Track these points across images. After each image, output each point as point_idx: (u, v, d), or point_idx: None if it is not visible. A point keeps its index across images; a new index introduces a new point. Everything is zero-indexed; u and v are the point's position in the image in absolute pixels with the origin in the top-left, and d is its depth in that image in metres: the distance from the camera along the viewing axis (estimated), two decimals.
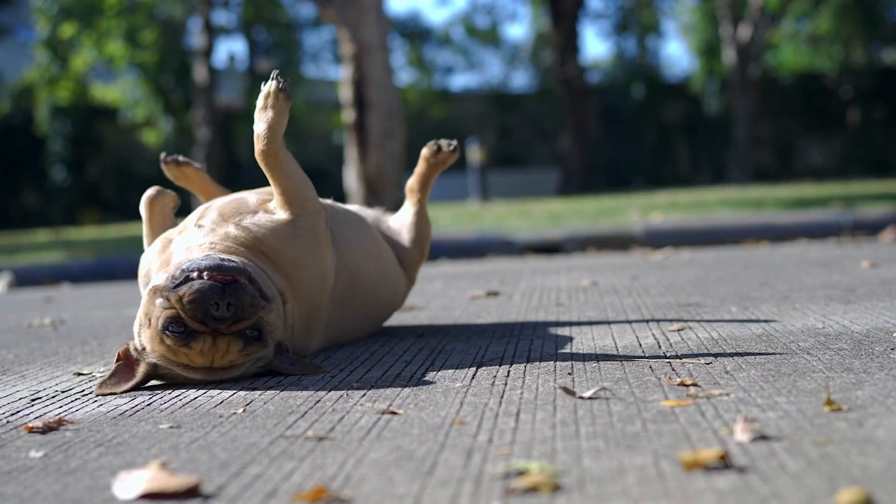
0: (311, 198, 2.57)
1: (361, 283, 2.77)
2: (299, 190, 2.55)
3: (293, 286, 2.49)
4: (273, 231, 2.50)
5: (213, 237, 2.47)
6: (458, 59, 30.08)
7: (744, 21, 20.18)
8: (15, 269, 6.97)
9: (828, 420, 1.64)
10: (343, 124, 13.01)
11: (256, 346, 2.27)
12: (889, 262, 4.29)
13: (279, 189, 2.54)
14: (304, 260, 2.51)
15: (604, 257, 5.81)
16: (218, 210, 2.58)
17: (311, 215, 2.54)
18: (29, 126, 21.15)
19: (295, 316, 2.49)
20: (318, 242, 2.55)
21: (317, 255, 2.54)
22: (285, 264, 2.49)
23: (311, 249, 2.53)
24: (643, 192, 16.04)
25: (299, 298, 2.50)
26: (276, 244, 2.49)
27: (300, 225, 2.52)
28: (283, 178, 2.53)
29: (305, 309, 2.53)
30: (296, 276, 2.50)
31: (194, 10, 19.93)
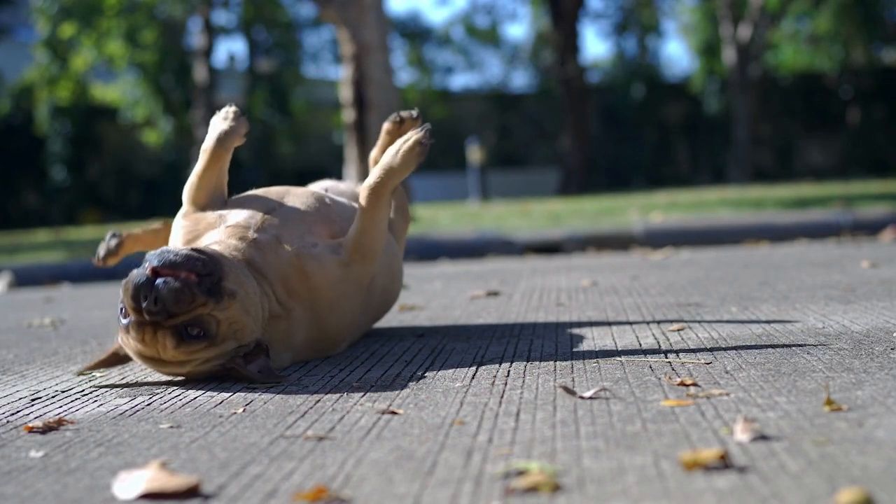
0: (376, 252, 2.54)
1: (379, 292, 2.76)
2: (373, 241, 2.52)
3: (320, 320, 2.48)
4: (325, 269, 2.46)
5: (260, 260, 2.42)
6: (458, 59, 30.08)
7: (744, 21, 20.18)
8: (15, 269, 6.97)
9: (828, 420, 1.64)
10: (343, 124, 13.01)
11: (197, 345, 2.21)
12: (889, 262, 4.29)
13: (359, 228, 2.50)
14: (340, 303, 2.51)
15: (604, 257, 5.81)
16: (278, 230, 2.48)
17: (365, 267, 2.53)
18: (29, 126, 21.15)
19: (301, 336, 2.47)
20: (359, 291, 2.55)
21: (355, 302, 2.55)
22: (320, 295, 2.46)
23: (350, 295, 2.53)
24: (643, 192, 16.04)
25: (320, 328, 2.50)
26: (322, 282, 2.45)
27: (352, 270, 2.50)
28: (370, 221, 2.50)
29: (326, 337, 2.54)
30: (325, 315, 2.49)
31: (194, 10, 19.94)
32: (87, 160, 21.27)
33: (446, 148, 23.35)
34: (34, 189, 21.27)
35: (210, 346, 2.23)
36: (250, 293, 2.30)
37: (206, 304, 2.19)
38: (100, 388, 2.34)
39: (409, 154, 2.51)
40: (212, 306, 2.20)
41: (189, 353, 2.23)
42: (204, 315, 2.20)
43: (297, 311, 2.44)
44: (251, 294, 2.30)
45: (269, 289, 2.40)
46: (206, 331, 2.21)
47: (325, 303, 2.47)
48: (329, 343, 2.57)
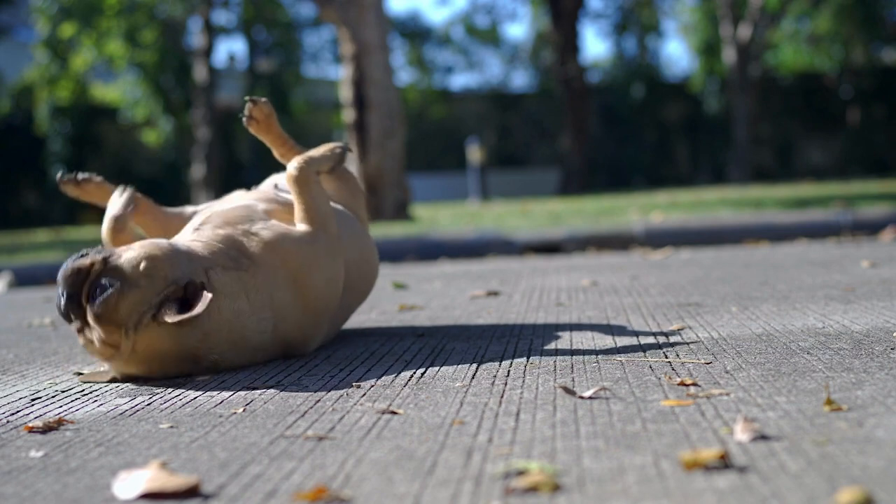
0: (332, 222, 2.64)
1: (355, 272, 2.80)
2: (323, 211, 2.64)
3: (300, 288, 2.51)
4: (288, 237, 2.54)
5: (203, 235, 2.50)
6: (458, 58, 30.10)
7: (744, 21, 20.19)
8: (15, 269, 6.97)
9: (828, 420, 1.64)
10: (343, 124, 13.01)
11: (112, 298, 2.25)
12: (889, 262, 4.29)
13: (303, 206, 2.62)
14: (318, 264, 2.55)
15: (604, 257, 5.81)
16: (222, 216, 2.59)
17: (330, 235, 2.62)
18: (29, 126, 21.16)
19: (282, 296, 2.49)
20: (334, 253, 2.61)
21: (333, 264, 2.60)
22: (295, 267, 2.51)
23: (328, 258, 2.59)
24: (643, 192, 16.04)
25: (306, 299, 2.52)
26: (290, 246, 2.52)
27: (319, 237, 2.59)
28: (309, 197, 2.63)
29: (314, 308, 2.56)
30: (305, 280, 2.52)
31: (194, 10, 19.94)
32: (87, 160, 21.26)
33: (446, 148, 23.36)
34: (34, 189, 21.27)
35: (126, 291, 2.25)
36: (159, 243, 2.36)
37: (96, 261, 2.28)
38: (100, 388, 2.34)
39: (330, 153, 2.79)
40: (106, 261, 2.28)
41: (115, 319, 2.25)
42: (105, 271, 2.27)
43: (271, 274, 2.46)
44: (161, 244, 2.36)
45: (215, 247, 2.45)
46: (112, 281, 2.26)
47: (300, 266, 2.51)
48: (322, 309, 2.58)
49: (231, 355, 2.41)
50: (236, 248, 2.48)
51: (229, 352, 2.40)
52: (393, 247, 7.02)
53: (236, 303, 2.39)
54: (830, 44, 23.98)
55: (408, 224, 9.39)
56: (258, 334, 2.45)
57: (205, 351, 2.35)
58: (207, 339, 2.34)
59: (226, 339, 2.38)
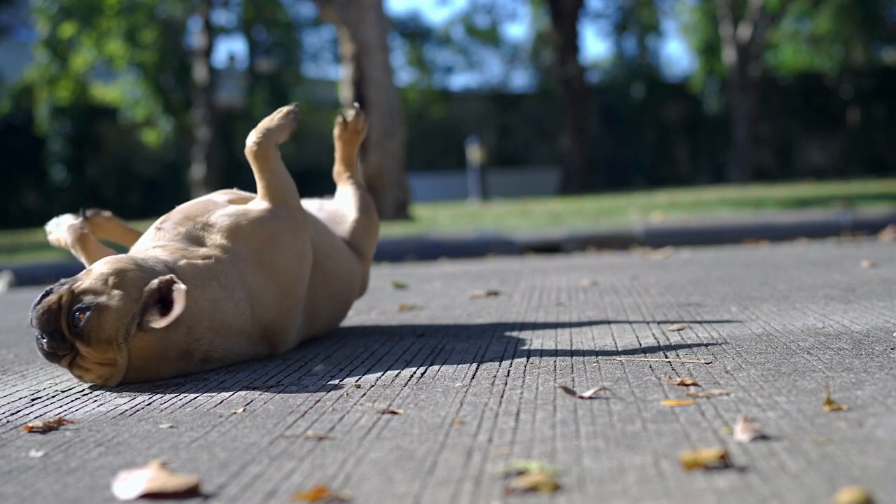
0: (293, 195, 2.69)
1: (328, 271, 2.82)
2: (283, 185, 2.67)
3: (267, 266, 2.53)
4: (246, 215, 2.57)
5: (164, 240, 2.52)
6: (458, 58, 30.09)
7: (744, 21, 20.18)
8: (15, 269, 6.97)
9: (828, 420, 1.64)
10: None
11: (91, 319, 2.25)
12: (889, 262, 4.29)
13: (264, 182, 2.66)
14: (281, 239, 2.58)
15: (604, 257, 5.81)
16: (183, 212, 2.62)
17: (291, 208, 2.65)
18: (29, 126, 21.15)
19: (264, 295, 2.51)
20: (298, 227, 2.64)
21: (298, 238, 2.63)
22: (258, 246, 2.53)
23: (290, 231, 2.61)
24: (643, 192, 16.04)
25: (275, 276, 2.54)
26: (249, 226, 2.55)
27: (280, 212, 2.62)
28: (269, 172, 2.66)
29: (282, 286, 2.56)
30: (271, 256, 2.55)
31: (194, 10, 19.94)
32: (87, 160, 21.27)
33: (446, 148, 23.36)
34: (34, 189, 21.27)
35: (103, 310, 2.26)
36: (121, 258, 2.38)
37: (62, 293, 2.29)
38: (100, 388, 2.35)
39: (284, 117, 2.74)
40: (72, 288, 2.29)
41: (104, 337, 2.26)
42: (76, 299, 2.28)
43: (237, 259, 2.49)
44: (123, 258, 2.37)
45: (178, 250, 2.47)
46: (87, 306, 2.26)
47: (263, 242, 2.54)
48: (291, 286, 2.59)
49: (219, 342, 2.43)
50: (196, 243, 2.51)
51: (216, 339, 2.42)
52: (393, 247, 7.02)
53: (209, 291, 2.41)
54: (830, 44, 23.98)
55: (408, 224, 9.39)
56: (238, 317, 2.46)
57: (193, 344, 2.37)
58: (192, 331, 2.36)
59: (209, 328, 2.40)
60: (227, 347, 2.46)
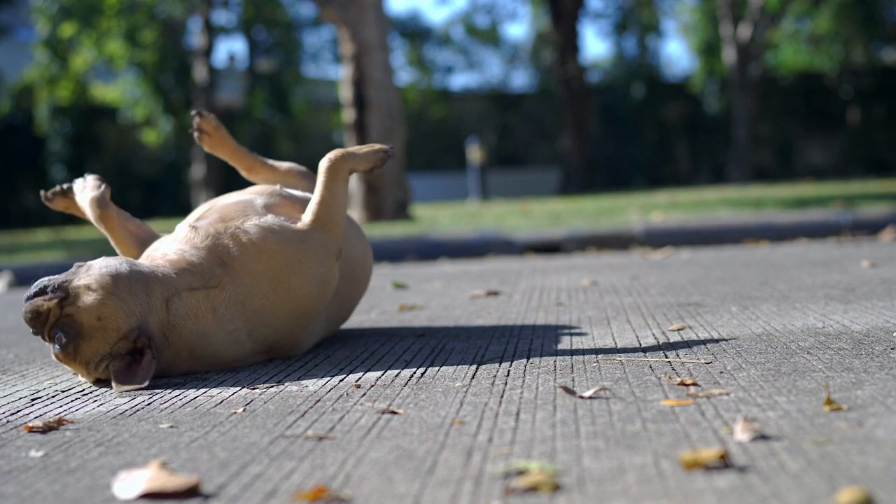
0: (338, 223, 2.57)
1: (354, 273, 2.80)
2: (333, 210, 2.57)
3: (283, 288, 2.47)
4: (277, 233, 2.49)
5: (195, 241, 2.49)
6: (458, 58, 30.09)
7: (744, 20, 20.18)
8: (15, 269, 6.97)
9: (828, 419, 1.64)
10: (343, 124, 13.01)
11: (70, 348, 2.28)
12: (889, 262, 4.29)
13: (318, 199, 2.57)
14: (305, 265, 2.50)
15: (604, 257, 5.81)
16: (219, 212, 2.57)
17: (327, 235, 2.55)
18: (29, 126, 21.15)
19: (270, 317, 2.47)
20: (327, 255, 2.54)
21: (323, 265, 2.54)
22: (279, 263, 2.47)
23: (317, 258, 2.52)
24: (643, 192, 16.04)
25: (289, 299, 2.48)
26: (276, 247, 2.47)
27: (314, 236, 2.53)
28: (328, 191, 2.57)
29: (295, 308, 2.51)
30: (288, 279, 2.47)
31: (194, 10, 19.94)
32: (87, 160, 21.26)
33: (446, 148, 23.35)
34: (34, 189, 21.26)
35: (80, 344, 2.28)
36: (121, 277, 2.31)
37: (51, 308, 2.30)
38: (100, 387, 2.35)
39: (372, 152, 2.69)
40: (61, 306, 2.29)
41: (76, 362, 2.31)
42: (61, 320, 2.29)
43: (247, 279, 2.43)
44: (122, 279, 2.31)
45: (185, 267, 2.42)
46: (67, 333, 2.28)
47: (284, 265, 2.47)
48: (309, 310, 2.54)
49: (203, 365, 2.43)
50: (216, 255, 2.45)
51: (196, 365, 2.42)
52: (393, 247, 7.02)
53: (199, 325, 2.38)
54: (830, 44, 23.98)
55: (408, 224, 9.39)
56: (230, 346, 2.44)
57: (170, 370, 2.39)
58: (173, 365, 2.39)
59: (191, 357, 2.40)
60: (214, 366, 2.45)
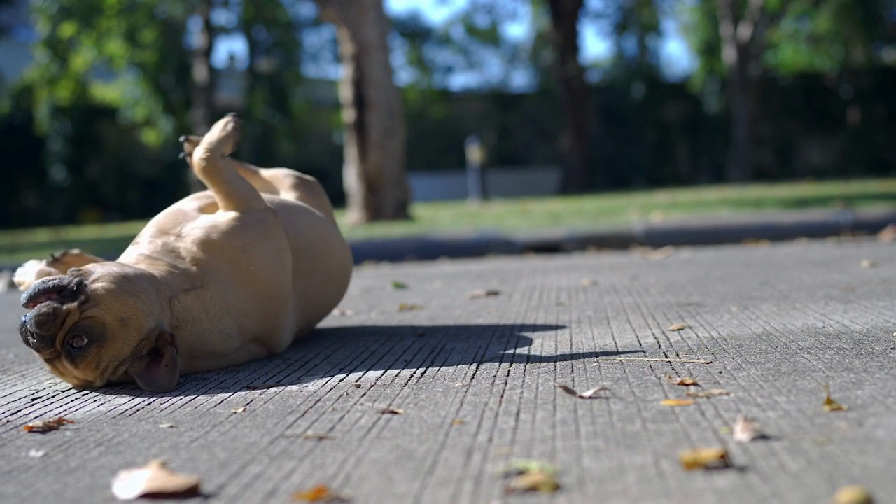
0: (254, 197, 2.65)
1: (316, 255, 2.82)
2: (241, 191, 2.64)
3: (247, 277, 2.51)
4: (216, 227, 2.54)
5: (143, 250, 2.51)
6: (458, 58, 30.09)
7: (744, 20, 20.18)
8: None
9: (828, 419, 1.64)
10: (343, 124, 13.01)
11: (91, 352, 2.22)
12: (889, 262, 4.29)
13: (221, 195, 2.63)
14: (255, 247, 2.55)
15: (604, 257, 5.81)
16: (156, 225, 2.61)
17: (257, 211, 2.62)
18: (29, 126, 21.16)
19: (235, 297, 2.49)
20: (269, 228, 2.61)
21: (271, 239, 2.60)
22: (233, 254, 2.52)
23: (263, 235, 2.58)
24: (643, 192, 16.04)
25: (256, 286, 2.53)
26: (221, 238, 2.52)
27: (247, 218, 2.59)
28: (223, 183, 2.63)
29: (265, 293, 2.55)
30: (248, 267, 2.52)
31: (194, 10, 19.94)
32: (87, 160, 21.27)
33: (446, 148, 23.35)
34: (34, 189, 21.27)
35: (104, 346, 2.23)
36: (131, 279, 2.30)
37: (72, 310, 2.22)
38: (100, 387, 2.35)
39: (224, 128, 2.73)
40: (82, 308, 2.22)
41: (93, 367, 2.25)
42: (81, 322, 2.22)
43: (219, 276, 2.47)
44: (133, 280, 2.30)
45: (170, 269, 2.44)
46: (90, 335, 2.22)
47: (238, 251, 2.52)
48: (277, 289, 2.58)
49: (201, 363, 2.45)
50: (180, 259, 2.48)
51: (195, 362, 2.44)
52: (393, 247, 7.02)
53: (197, 325, 2.41)
54: (830, 44, 23.98)
55: (408, 224, 9.39)
56: (224, 342, 2.47)
57: None
58: None
59: (189, 357, 2.41)
60: (213, 365, 2.48)
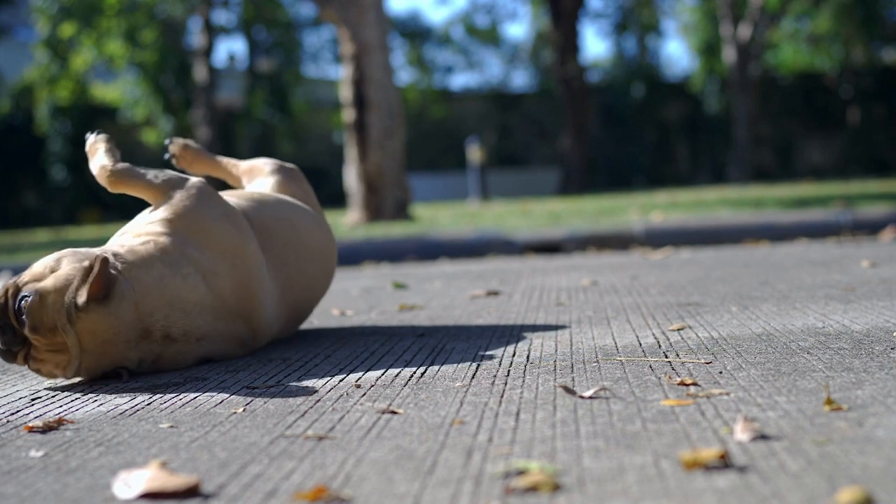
0: (180, 178, 2.69)
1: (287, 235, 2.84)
2: (163, 179, 2.67)
3: (198, 232, 2.56)
4: (156, 212, 2.60)
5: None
6: (458, 58, 30.10)
7: (744, 20, 20.19)
8: (15, 269, 6.97)
9: (828, 419, 1.64)
10: (343, 124, 13.01)
11: (34, 301, 2.31)
12: (889, 262, 4.29)
13: (149, 191, 2.68)
14: (201, 210, 2.59)
15: (604, 257, 5.81)
16: (120, 231, 2.71)
17: (186, 188, 2.65)
18: (29, 126, 21.16)
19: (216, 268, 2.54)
20: (206, 194, 2.64)
21: (213, 205, 2.63)
22: (179, 221, 2.56)
23: (202, 201, 2.61)
24: (643, 192, 16.04)
25: (213, 241, 2.56)
26: (162, 214, 2.58)
27: (181, 194, 2.62)
28: (142, 183, 2.68)
29: (231, 255, 2.58)
30: (197, 224, 2.57)
31: (194, 10, 19.94)
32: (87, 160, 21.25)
33: (446, 148, 23.35)
34: (34, 189, 21.27)
35: (42, 291, 2.31)
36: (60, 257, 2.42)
37: (9, 287, 2.36)
38: (100, 387, 2.35)
39: (95, 143, 2.80)
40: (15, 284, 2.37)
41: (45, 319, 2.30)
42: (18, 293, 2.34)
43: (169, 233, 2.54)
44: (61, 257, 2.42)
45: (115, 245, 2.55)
46: (27, 293, 2.32)
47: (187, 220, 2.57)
48: (237, 257, 2.60)
49: (176, 317, 2.45)
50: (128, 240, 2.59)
51: (172, 314, 2.44)
52: (393, 247, 7.02)
53: (153, 269, 2.43)
54: (830, 44, 23.99)
55: (408, 224, 9.39)
56: (192, 290, 2.48)
57: (148, 320, 2.39)
58: (141, 307, 2.38)
59: (159, 302, 2.42)
60: (190, 323, 2.47)
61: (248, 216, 2.72)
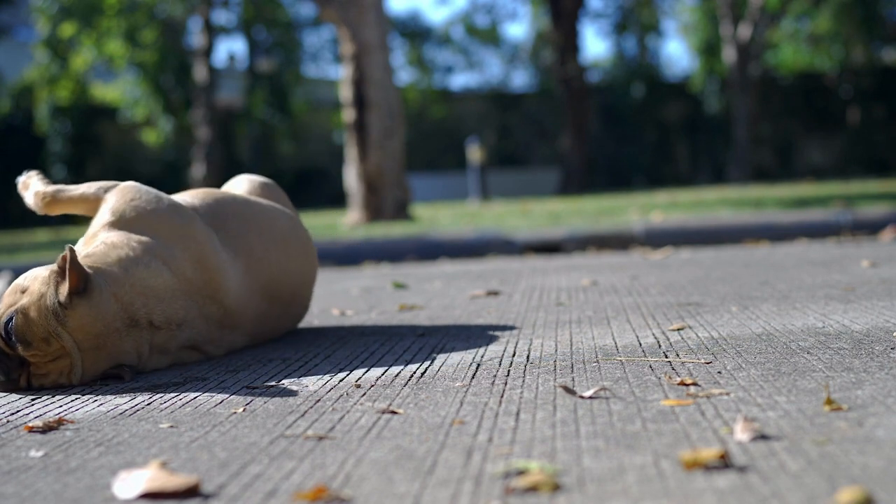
0: (102, 184, 2.80)
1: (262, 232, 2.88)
2: (89, 189, 2.79)
3: (155, 233, 2.61)
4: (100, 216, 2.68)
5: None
6: (458, 58, 30.10)
7: (744, 20, 20.19)
8: (15, 269, 6.97)
9: (828, 419, 1.64)
10: (343, 124, 13.01)
11: (17, 320, 2.33)
12: (889, 262, 4.29)
13: (81, 205, 2.80)
14: (137, 201, 2.68)
15: (604, 257, 5.81)
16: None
17: (114, 191, 2.75)
18: (29, 126, 21.16)
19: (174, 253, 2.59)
20: (136, 188, 2.74)
21: (144, 193, 2.72)
22: (121, 215, 2.65)
23: (135, 193, 2.70)
24: (643, 192, 16.04)
25: (158, 226, 2.63)
26: (104, 214, 2.67)
27: (111, 200, 2.71)
28: (71, 197, 2.81)
29: (177, 231, 2.64)
30: (137, 213, 2.65)
31: (194, 10, 19.94)
32: (87, 160, 21.27)
33: (446, 148, 23.36)
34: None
35: (23, 307, 2.33)
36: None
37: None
38: (100, 387, 2.35)
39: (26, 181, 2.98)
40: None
41: (36, 330, 2.32)
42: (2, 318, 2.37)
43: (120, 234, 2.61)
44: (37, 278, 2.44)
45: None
46: (10, 315, 2.34)
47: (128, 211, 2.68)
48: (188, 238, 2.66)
49: (154, 304, 2.48)
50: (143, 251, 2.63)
51: (149, 301, 2.47)
52: (393, 247, 7.02)
53: (117, 264, 2.47)
54: (830, 44, 23.99)
55: (408, 224, 9.39)
56: (157, 277, 2.52)
57: (130, 309, 2.42)
58: (119, 297, 2.41)
59: (133, 292, 2.45)
60: (167, 308, 2.51)
61: (192, 204, 2.80)
